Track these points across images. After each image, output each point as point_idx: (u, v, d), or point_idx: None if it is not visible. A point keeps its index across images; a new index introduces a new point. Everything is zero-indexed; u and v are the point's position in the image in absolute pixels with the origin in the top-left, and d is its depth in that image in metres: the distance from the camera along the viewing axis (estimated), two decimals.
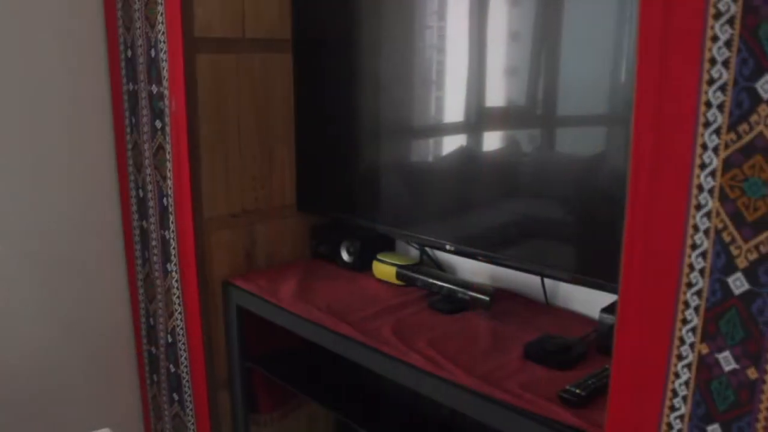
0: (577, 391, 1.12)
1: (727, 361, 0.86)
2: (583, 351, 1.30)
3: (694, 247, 0.87)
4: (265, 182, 1.85)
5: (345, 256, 1.85)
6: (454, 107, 1.55)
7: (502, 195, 1.47)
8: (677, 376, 0.91)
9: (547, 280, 1.55)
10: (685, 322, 0.89)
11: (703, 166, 0.84)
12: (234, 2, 1.70)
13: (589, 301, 1.49)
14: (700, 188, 0.85)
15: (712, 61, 0.81)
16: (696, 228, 0.86)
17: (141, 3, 1.74)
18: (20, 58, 1.81)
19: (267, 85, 1.80)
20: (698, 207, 0.85)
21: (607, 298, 1.31)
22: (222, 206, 1.77)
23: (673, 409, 0.92)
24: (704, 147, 0.84)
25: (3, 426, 1.93)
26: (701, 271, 0.87)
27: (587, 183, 1.31)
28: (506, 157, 1.45)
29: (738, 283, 0.84)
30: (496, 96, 1.46)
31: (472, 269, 1.73)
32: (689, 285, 0.88)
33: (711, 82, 0.82)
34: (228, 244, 1.80)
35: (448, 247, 1.55)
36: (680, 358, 0.90)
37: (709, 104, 0.82)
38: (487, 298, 1.48)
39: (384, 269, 1.72)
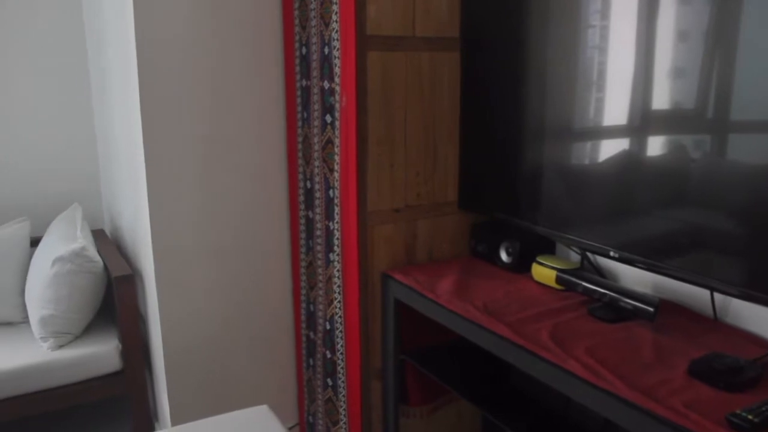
0: (749, 416, 1.06)
1: None
2: (756, 374, 1.22)
3: None
4: (428, 179, 1.87)
5: (504, 256, 1.84)
6: (618, 109, 1.50)
7: (667, 202, 1.41)
8: None
9: (717, 295, 1.47)
10: None
11: None
12: (405, 1, 1.74)
13: (764, 320, 1.40)
14: None
15: None
16: None
17: (317, 2, 1.82)
18: (208, 55, 1.95)
19: (434, 82, 1.83)
20: None
21: None
22: (386, 200, 1.81)
23: None
24: None
25: (174, 396, 2.10)
26: None
27: (762, 192, 1.23)
28: (673, 162, 1.39)
29: None
30: (663, 98, 1.40)
31: (634, 277, 1.67)
32: None
33: None
34: (389, 237, 1.84)
35: (612, 253, 1.51)
36: None
37: None
38: (652, 309, 1.42)
39: (543, 272, 1.70)
